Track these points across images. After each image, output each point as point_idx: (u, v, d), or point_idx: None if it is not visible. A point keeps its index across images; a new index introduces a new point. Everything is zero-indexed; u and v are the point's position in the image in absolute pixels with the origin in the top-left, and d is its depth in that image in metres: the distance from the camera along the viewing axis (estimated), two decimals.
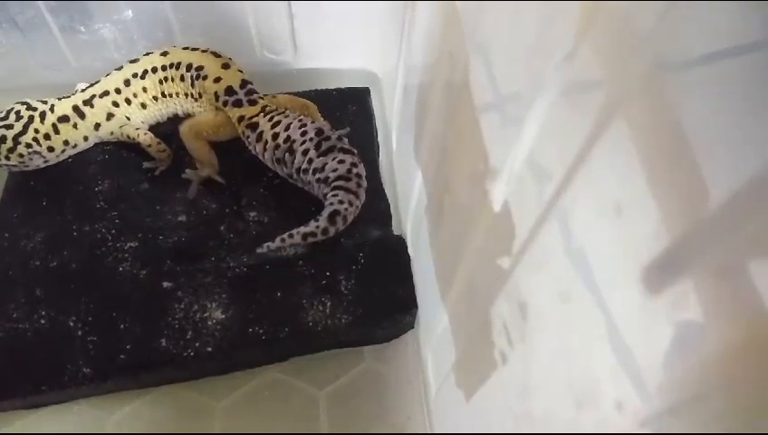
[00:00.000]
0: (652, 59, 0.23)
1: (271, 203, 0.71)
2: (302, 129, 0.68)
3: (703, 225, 0.21)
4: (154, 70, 0.73)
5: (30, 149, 0.69)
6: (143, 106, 0.74)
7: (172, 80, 0.73)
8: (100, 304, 0.64)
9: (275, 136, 0.69)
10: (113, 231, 0.69)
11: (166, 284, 0.66)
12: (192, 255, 0.67)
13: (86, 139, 0.73)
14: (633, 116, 0.25)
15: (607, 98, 0.26)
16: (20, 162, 0.70)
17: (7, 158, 0.69)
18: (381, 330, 0.67)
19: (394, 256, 0.68)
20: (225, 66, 0.73)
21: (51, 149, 0.71)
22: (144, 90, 0.73)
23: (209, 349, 0.62)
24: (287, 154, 0.68)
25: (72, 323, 0.63)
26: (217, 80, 0.72)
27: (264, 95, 0.73)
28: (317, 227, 0.64)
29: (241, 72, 0.74)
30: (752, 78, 0.20)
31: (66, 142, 0.71)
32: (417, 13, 0.61)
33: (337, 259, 0.67)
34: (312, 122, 0.69)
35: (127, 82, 0.72)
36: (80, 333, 0.62)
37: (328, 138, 0.68)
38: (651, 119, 0.24)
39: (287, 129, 0.69)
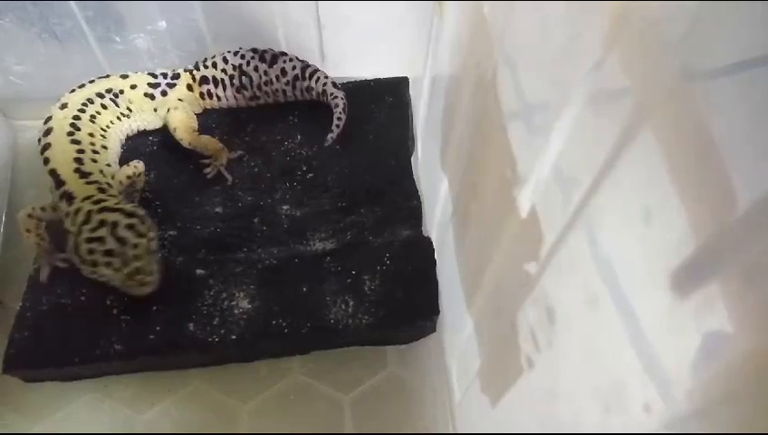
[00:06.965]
0: (679, 68, 0.24)
1: (303, 198, 0.72)
2: (238, 54, 0.76)
3: (730, 231, 0.21)
4: (76, 117, 0.69)
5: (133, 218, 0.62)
6: (105, 148, 0.70)
7: (99, 113, 0.71)
8: None
9: (224, 71, 0.76)
10: (155, 220, 0.71)
11: (199, 271, 0.67)
12: (225, 245, 0.69)
13: (115, 196, 0.66)
14: (660, 124, 0.25)
15: (634, 106, 0.26)
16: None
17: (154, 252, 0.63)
18: (402, 333, 0.68)
19: (420, 260, 0.68)
20: (125, 76, 0.74)
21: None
22: (91, 135, 0.69)
23: (233, 336, 0.63)
24: (243, 78, 0.76)
25: (108, 302, 0.65)
26: (133, 87, 0.74)
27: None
28: (340, 109, 0.74)
29: (132, 74, 0.75)
30: None
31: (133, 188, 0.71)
32: (445, 21, 0.62)
33: (363, 258, 0.68)
34: (240, 47, 0.76)
35: (75, 141, 0.67)
36: (115, 311, 0.65)
37: (265, 50, 0.76)
38: (678, 127, 0.24)
39: (226, 62, 0.76)
